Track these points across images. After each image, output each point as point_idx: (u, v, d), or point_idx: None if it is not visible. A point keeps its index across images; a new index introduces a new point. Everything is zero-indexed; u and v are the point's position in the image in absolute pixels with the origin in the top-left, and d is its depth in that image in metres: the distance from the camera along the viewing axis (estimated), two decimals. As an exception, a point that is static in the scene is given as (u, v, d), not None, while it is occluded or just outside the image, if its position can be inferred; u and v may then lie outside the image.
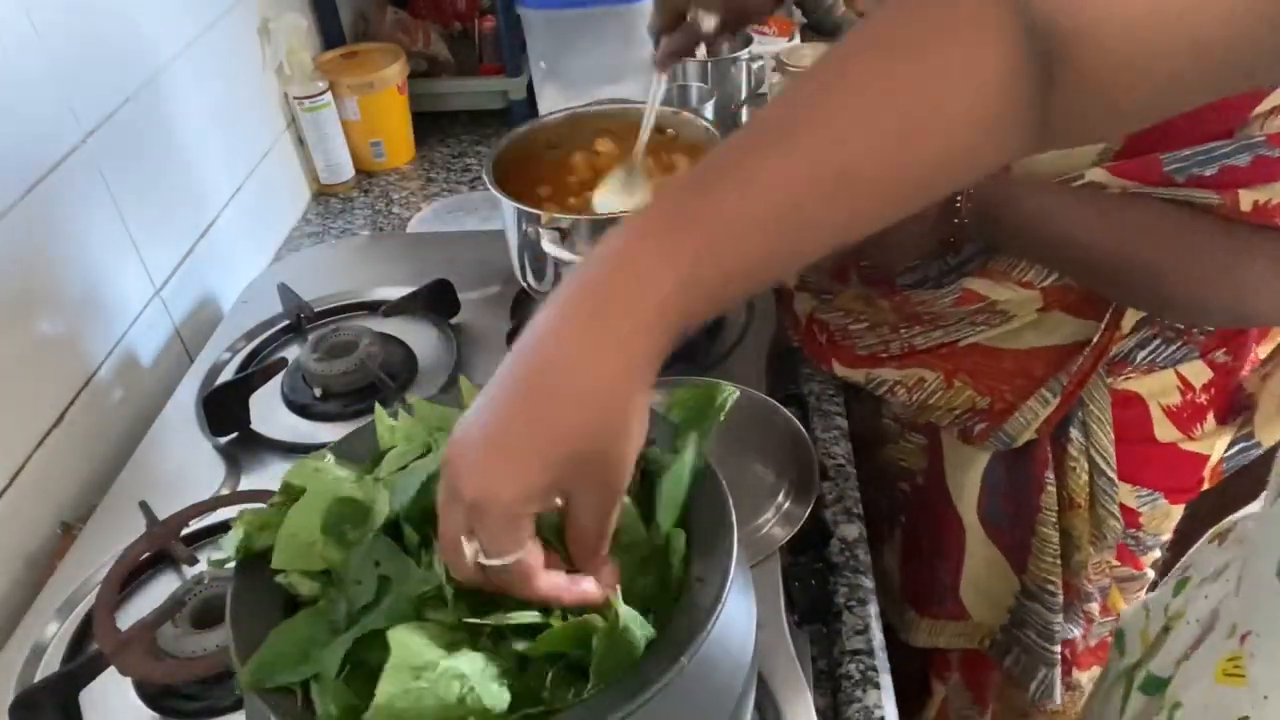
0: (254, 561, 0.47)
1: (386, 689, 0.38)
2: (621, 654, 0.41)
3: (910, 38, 0.44)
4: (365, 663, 0.42)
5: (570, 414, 0.40)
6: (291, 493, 0.48)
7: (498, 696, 0.40)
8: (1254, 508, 0.67)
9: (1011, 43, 0.42)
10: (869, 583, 0.76)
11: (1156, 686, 0.66)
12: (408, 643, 0.39)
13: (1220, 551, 0.69)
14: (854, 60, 0.45)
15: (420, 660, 0.39)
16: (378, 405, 0.54)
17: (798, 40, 1.44)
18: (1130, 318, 0.76)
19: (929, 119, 0.43)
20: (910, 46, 0.43)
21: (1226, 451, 0.85)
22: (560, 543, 0.44)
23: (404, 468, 0.50)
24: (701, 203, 0.43)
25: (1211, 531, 0.73)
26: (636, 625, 0.41)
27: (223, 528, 0.79)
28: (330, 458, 0.50)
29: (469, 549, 0.41)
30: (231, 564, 0.47)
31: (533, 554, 0.41)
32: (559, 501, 0.43)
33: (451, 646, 0.41)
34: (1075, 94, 0.44)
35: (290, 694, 0.42)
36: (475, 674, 0.40)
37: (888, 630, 0.75)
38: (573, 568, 0.44)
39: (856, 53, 0.45)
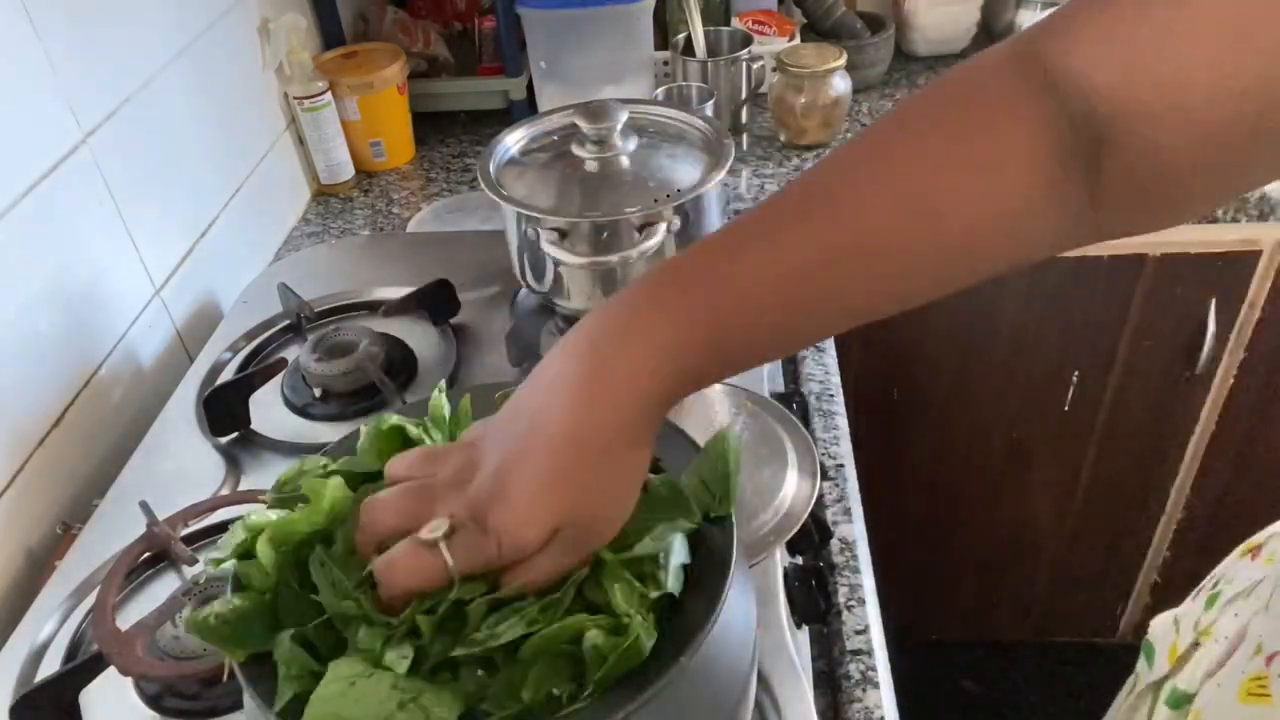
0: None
1: None
2: (628, 663, 0.41)
3: (941, 117, 0.44)
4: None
5: (589, 498, 0.42)
6: (284, 494, 0.48)
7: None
8: None
9: (1046, 127, 0.42)
10: (869, 583, 0.76)
11: (1180, 702, 0.66)
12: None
13: (1252, 567, 0.67)
14: (882, 137, 0.44)
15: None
16: (362, 428, 0.54)
17: (798, 40, 1.44)
18: None
19: (956, 198, 0.42)
20: (940, 125, 0.43)
21: None
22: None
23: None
24: (714, 263, 0.43)
25: (1244, 545, 0.72)
26: (645, 634, 0.41)
27: (222, 528, 0.79)
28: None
29: (445, 551, 0.42)
30: (227, 564, 0.47)
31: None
32: None
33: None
34: (1122, 180, 0.42)
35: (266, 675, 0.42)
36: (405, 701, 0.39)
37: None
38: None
39: (886, 131, 0.45)
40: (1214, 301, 1.27)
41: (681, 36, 1.36)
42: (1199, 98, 0.38)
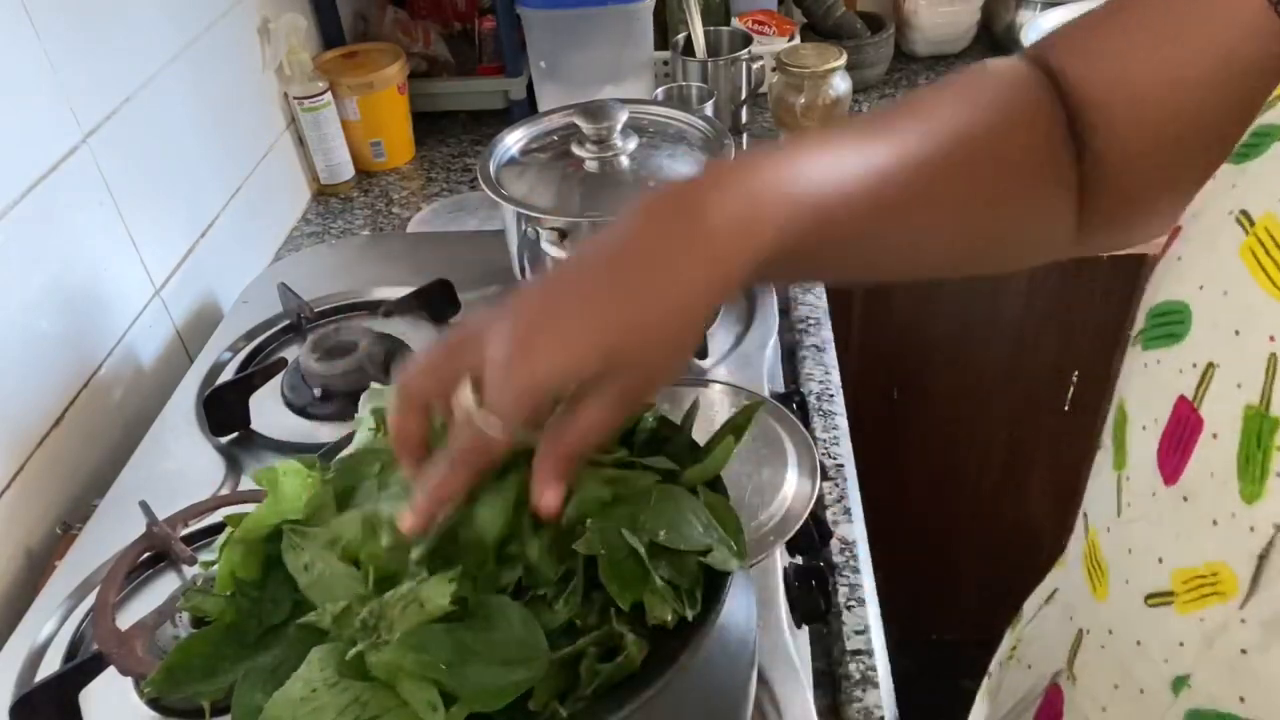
0: None
1: None
2: (619, 675, 0.41)
3: (966, 91, 0.50)
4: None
5: (642, 308, 0.39)
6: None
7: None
8: None
9: (1051, 110, 0.49)
10: (869, 582, 0.76)
11: None
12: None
13: None
14: (920, 97, 0.51)
15: None
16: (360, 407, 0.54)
17: (798, 40, 1.44)
18: None
19: (982, 151, 0.47)
20: (967, 95, 0.50)
21: None
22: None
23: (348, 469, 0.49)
24: (800, 151, 0.45)
25: None
26: (637, 649, 0.41)
27: (223, 528, 0.79)
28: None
29: (468, 394, 0.40)
30: (214, 566, 0.47)
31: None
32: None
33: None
34: (1096, 175, 0.48)
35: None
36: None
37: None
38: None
39: (929, 94, 0.51)
40: (1214, 301, 1.27)
41: (681, 36, 1.36)
42: (1144, 91, 0.45)
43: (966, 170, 0.47)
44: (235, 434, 0.90)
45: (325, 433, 0.90)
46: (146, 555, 0.76)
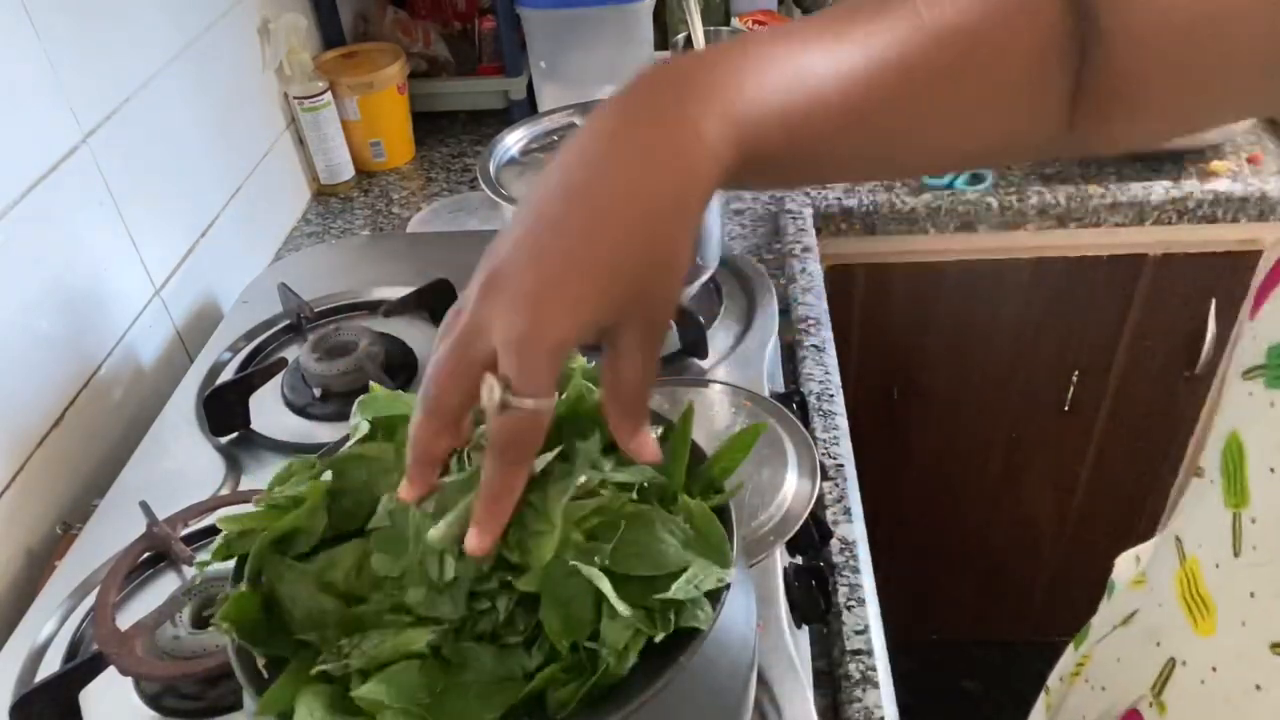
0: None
1: None
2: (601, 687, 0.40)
3: None
4: None
5: (628, 241, 0.37)
6: (274, 497, 0.48)
7: None
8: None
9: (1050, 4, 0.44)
10: (869, 582, 0.76)
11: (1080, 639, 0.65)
12: None
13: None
14: None
15: None
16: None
17: (798, 40, 1.44)
18: None
19: (971, 38, 0.43)
20: None
21: None
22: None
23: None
24: (767, 51, 0.41)
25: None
26: (623, 662, 0.40)
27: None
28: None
29: (494, 388, 0.37)
30: (210, 566, 0.47)
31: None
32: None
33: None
34: (1105, 76, 0.44)
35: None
36: None
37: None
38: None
39: None
40: (1214, 301, 1.27)
41: (681, 36, 1.36)
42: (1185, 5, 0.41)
43: (954, 75, 0.44)
44: (235, 434, 0.90)
45: (325, 433, 0.90)
46: (146, 555, 0.76)
